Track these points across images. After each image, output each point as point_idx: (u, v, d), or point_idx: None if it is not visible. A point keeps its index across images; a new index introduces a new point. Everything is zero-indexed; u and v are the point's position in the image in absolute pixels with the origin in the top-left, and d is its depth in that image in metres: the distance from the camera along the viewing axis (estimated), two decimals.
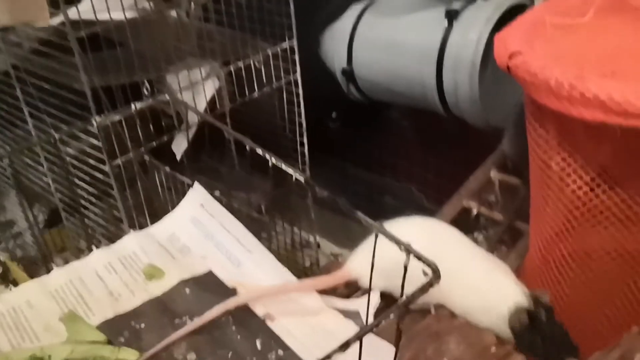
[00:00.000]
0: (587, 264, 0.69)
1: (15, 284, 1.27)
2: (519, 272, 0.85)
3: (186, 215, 0.86)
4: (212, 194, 0.88)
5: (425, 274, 0.53)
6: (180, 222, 0.85)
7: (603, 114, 0.54)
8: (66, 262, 1.05)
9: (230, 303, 0.70)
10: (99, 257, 0.80)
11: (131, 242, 0.82)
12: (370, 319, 0.72)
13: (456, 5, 0.98)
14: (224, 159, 1.43)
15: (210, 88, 1.37)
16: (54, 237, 1.49)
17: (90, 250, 0.83)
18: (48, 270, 0.79)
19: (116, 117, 0.90)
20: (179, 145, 1.46)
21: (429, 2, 1.02)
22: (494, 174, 0.98)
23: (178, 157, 1.40)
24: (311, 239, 1.43)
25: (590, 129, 0.64)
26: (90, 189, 0.98)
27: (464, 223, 1.03)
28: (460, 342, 0.69)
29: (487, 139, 1.28)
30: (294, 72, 1.20)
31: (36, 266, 1.40)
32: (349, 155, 1.57)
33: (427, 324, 0.73)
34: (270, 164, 0.71)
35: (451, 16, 0.96)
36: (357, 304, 0.75)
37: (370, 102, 1.25)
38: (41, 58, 0.95)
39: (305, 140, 1.30)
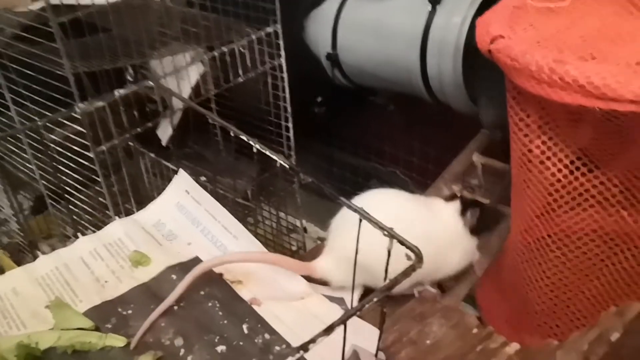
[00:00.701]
0: (566, 245, 0.71)
1: (2, 271, 1.26)
2: (500, 254, 0.86)
3: (172, 202, 0.86)
4: (197, 180, 0.88)
5: (408, 257, 0.54)
6: (166, 209, 0.85)
7: (583, 98, 0.55)
8: (52, 248, 1.04)
9: (197, 270, 0.70)
10: (84, 244, 0.80)
11: (117, 229, 0.82)
12: (355, 304, 0.73)
13: None
14: (209, 145, 1.43)
15: (194, 73, 1.37)
16: (40, 224, 1.48)
17: (77, 237, 0.83)
18: (34, 257, 0.79)
19: (100, 104, 0.89)
20: (164, 131, 1.45)
21: None
22: (477, 158, 0.99)
23: (164, 143, 1.39)
24: (297, 223, 1.43)
25: (569, 113, 0.64)
26: (76, 176, 0.97)
27: None
28: (443, 324, 0.70)
29: (471, 124, 1.29)
30: (279, 56, 1.19)
31: (22, 253, 1.39)
32: (335, 139, 1.57)
33: (411, 307, 0.74)
34: (255, 149, 0.71)
35: (435, 0, 0.96)
36: (341, 291, 0.76)
37: (355, 87, 1.25)
38: (23, 44, 0.94)
39: (290, 125, 1.30)
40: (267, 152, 0.69)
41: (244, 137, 0.72)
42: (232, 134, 0.74)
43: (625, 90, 0.52)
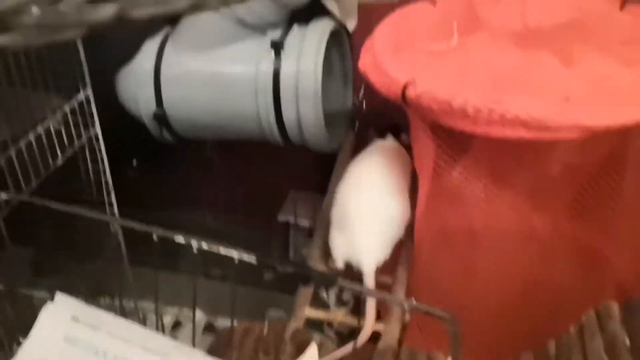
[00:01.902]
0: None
1: None
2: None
3: (54, 338, 0.67)
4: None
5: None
6: (49, 349, 0.66)
7: (525, 131, 0.60)
8: None
9: None
10: None
11: None
12: None
13: (274, 36, 0.96)
14: None
15: None
16: None
17: None
18: None
19: None
20: None
21: (240, 32, 0.97)
22: None
23: None
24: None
25: (485, 140, 0.70)
26: None
27: None
28: None
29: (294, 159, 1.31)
30: (93, 125, 1.02)
31: None
32: (151, 199, 1.43)
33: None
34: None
35: (278, 47, 0.93)
36: None
37: (183, 143, 1.14)
38: None
39: (113, 200, 1.13)
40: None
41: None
42: None
43: (566, 120, 0.58)
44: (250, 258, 0.63)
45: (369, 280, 0.75)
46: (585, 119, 0.57)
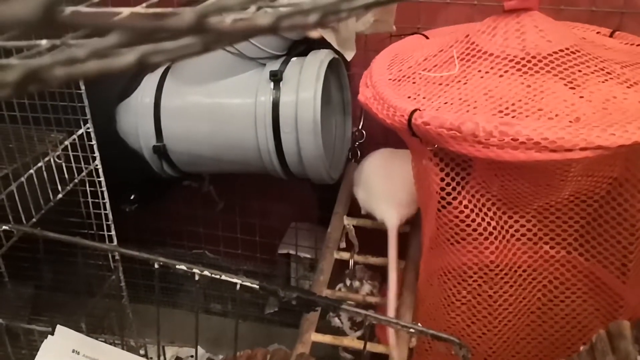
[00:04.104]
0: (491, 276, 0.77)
1: None
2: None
3: None
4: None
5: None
6: None
7: (537, 153, 0.60)
8: None
9: None
10: None
11: None
12: None
13: (273, 67, 0.97)
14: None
15: None
16: None
17: None
18: None
19: None
20: None
21: (239, 64, 0.98)
22: (347, 221, 1.00)
23: None
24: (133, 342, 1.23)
25: (494, 166, 0.70)
26: None
27: (342, 273, 1.03)
28: None
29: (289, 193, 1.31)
30: (94, 159, 1.02)
31: None
32: (151, 233, 1.41)
33: None
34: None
35: (277, 78, 0.94)
36: None
37: (183, 176, 1.14)
38: None
39: (113, 234, 1.12)
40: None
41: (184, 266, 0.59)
42: None
43: (579, 140, 0.59)
44: (252, 283, 0.62)
45: (392, 235, 0.89)
46: (598, 138, 0.57)
